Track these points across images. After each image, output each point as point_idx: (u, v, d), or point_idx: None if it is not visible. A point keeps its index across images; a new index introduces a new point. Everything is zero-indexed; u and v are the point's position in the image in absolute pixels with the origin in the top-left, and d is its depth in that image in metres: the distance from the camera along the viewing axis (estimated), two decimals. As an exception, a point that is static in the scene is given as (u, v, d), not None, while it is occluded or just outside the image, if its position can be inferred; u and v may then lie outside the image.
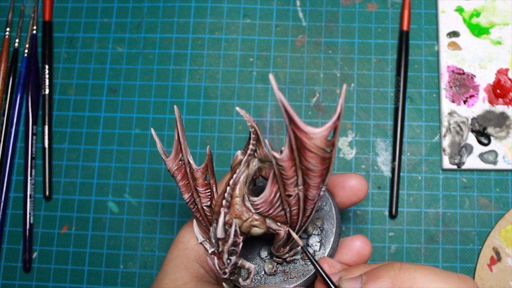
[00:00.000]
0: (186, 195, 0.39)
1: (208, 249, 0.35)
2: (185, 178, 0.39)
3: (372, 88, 0.54)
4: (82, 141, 0.54)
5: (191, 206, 0.39)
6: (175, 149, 0.38)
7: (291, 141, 0.32)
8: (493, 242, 0.50)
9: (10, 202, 0.53)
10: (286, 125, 0.31)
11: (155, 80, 0.55)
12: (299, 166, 0.33)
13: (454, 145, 0.52)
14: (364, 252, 0.40)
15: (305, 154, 0.32)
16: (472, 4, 0.55)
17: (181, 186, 0.39)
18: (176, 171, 0.38)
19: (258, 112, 0.54)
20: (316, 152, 0.32)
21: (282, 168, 0.33)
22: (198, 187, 0.38)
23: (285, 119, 0.31)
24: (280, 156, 0.33)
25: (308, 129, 0.31)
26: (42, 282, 0.51)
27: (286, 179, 0.34)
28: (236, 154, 0.38)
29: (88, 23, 0.57)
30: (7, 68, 0.55)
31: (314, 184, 0.34)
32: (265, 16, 0.56)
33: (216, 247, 0.35)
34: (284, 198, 0.35)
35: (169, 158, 0.38)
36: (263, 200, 0.35)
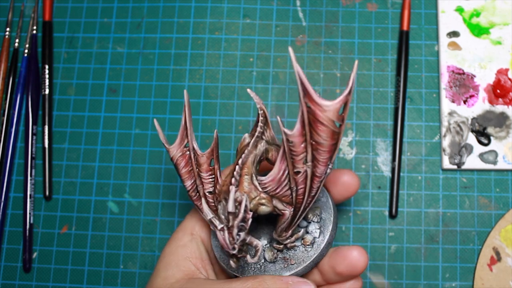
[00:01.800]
0: (189, 182, 0.39)
1: (217, 225, 0.36)
2: (188, 164, 0.39)
3: (372, 88, 0.54)
4: (82, 141, 0.54)
5: (192, 193, 0.39)
6: (180, 135, 0.38)
7: (303, 116, 0.33)
8: (493, 242, 0.50)
9: (10, 202, 0.53)
10: (300, 99, 0.33)
11: (155, 80, 0.55)
12: (309, 141, 0.34)
13: (454, 145, 0.52)
14: (358, 264, 0.40)
15: (316, 128, 0.33)
16: (472, 4, 0.55)
17: (183, 173, 0.39)
18: (180, 157, 0.39)
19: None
20: (328, 125, 0.33)
21: (292, 144, 0.34)
22: (202, 172, 0.39)
23: (299, 92, 0.32)
24: (291, 132, 0.34)
25: (322, 101, 0.33)
26: (42, 282, 0.51)
27: (296, 155, 0.35)
28: (244, 136, 0.40)
29: (88, 23, 0.57)
30: (7, 68, 0.55)
31: (323, 160, 0.35)
32: (265, 16, 0.56)
33: (226, 222, 0.36)
34: (292, 176, 0.36)
35: (174, 144, 0.39)
36: (271, 179, 0.36)
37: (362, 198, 0.52)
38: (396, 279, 0.50)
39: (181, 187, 0.53)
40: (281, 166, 0.36)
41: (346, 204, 0.52)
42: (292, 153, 0.35)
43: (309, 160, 0.35)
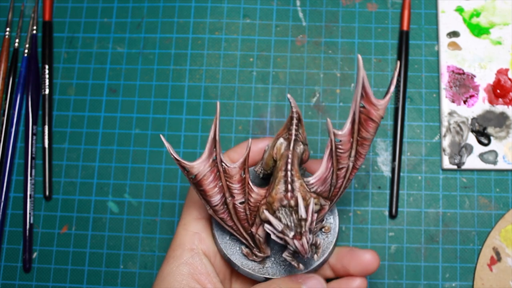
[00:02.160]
0: (217, 197, 0.38)
1: (289, 234, 0.36)
2: (217, 178, 0.37)
3: (372, 88, 0.54)
4: (82, 141, 0.54)
5: (220, 208, 0.38)
6: (209, 149, 0.36)
7: (355, 115, 0.36)
8: (493, 242, 0.50)
9: (10, 202, 0.53)
10: (355, 100, 0.36)
11: (155, 80, 0.55)
12: (355, 138, 0.37)
13: (454, 145, 0.52)
14: (371, 267, 0.41)
15: (367, 125, 0.37)
16: (472, 4, 0.55)
17: (209, 189, 0.37)
18: (208, 172, 0.37)
19: (258, 112, 0.54)
20: (378, 121, 0.37)
21: (341, 142, 0.37)
22: (234, 183, 0.37)
23: (357, 95, 0.35)
24: (341, 131, 0.37)
25: (377, 101, 0.36)
26: (42, 282, 0.51)
27: (343, 153, 0.37)
28: (280, 142, 0.39)
29: (88, 23, 0.57)
30: (7, 68, 0.55)
31: (364, 153, 0.38)
32: (265, 16, 0.56)
33: (298, 229, 0.36)
34: (335, 173, 0.38)
35: (200, 160, 0.36)
36: (318, 178, 0.38)
37: (362, 198, 0.52)
38: (396, 279, 0.50)
39: (181, 187, 0.53)
40: (328, 164, 0.38)
41: (346, 204, 0.52)
42: (339, 151, 0.37)
43: (352, 155, 0.38)
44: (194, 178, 0.37)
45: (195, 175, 0.36)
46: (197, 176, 0.37)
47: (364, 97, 0.36)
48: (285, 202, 0.37)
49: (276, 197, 0.37)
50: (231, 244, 0.41)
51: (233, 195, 0.38)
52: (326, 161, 0.37)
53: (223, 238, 0.41)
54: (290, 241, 0.36)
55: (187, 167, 0.36)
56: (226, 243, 0.41)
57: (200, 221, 0.41)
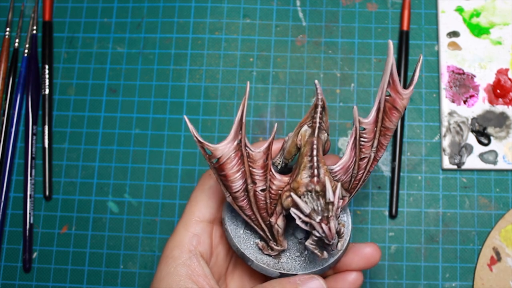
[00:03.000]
0: (239, 182, 0.37)
1: (316, 218, 0.35)
2: (241, 163, 0.36)
3: (372, 88, 0.54)
4: (82, 141, 0.54)
5: (241, 194, 0.37)
6: (235, 130, 0.35)
7: (380, 103, 0.36)
8: (493, 242, 0.50)
9: (10, 202, 0.53)
10: (382, 88, 0.36)
11: (155, 80, 0.55)
12: (379, 127, 0.37)
13: (454, 145, 0.52)
14: (372, 260, 0.41)
15: (391, 114, 0.37)
16: (472, 4, 0.55)
17: (232, 173, 0.36)
18: (233, 155, 0.36)
19: (258, 112, 0.54)
20: (402, 111, 0.37)
21: (365, 131, 0.37)
22: (257, 169, 0.37)
23: (384, 82, 0.35)
24: (367, 119, 0.36)
25: (402, 90, 0.36)
26: (42, 282, 0.51)
27: (366, 142, 0.37)
28: (305, 128, 0.39)
29: (88, 23, 0.57)
30: (7, 68, 0.55)
31: (386, 144, 0.38)
32: (265, 16, 0.56)
33: (325, 213, 0.35)
34: (357, 163, 0.38)
35: (225, 141, 0.35)
36: (342, 167, 0.37)
37: (362, 198, 0.52)
38: (396, 279, 0.50)
39: (181, 187, 0.53)
40: (351, 153, 0.37)
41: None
42: (363, 139, 0.37)
43: (375, 146, 0.38)
44: (217, 162, 0.36)
45: (218, 158, 0.35)
46: (220, 159, 0.35)
47: (391, 85, 0.36)
48: (311, 187, 0.36)
49: (301, 182, 0.37)
50: (245, 238, 0.40)
51: (254, 181, 0.37)
52: (350, 149, 0.37)
53: (237, 232, 0.40)
54: (317, 225, 0.35)
55: (210, 149, 0.35)
56: (240, 237, 0.40)
57: (201, 223, 0.41)
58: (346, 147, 0.37)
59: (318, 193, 0.36)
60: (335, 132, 0.53)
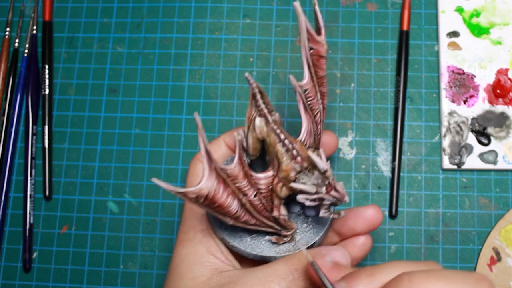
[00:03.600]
0: (234, 202, 0.36)
1: (323, 191, 0.36)
2: (227, 187, 0.36)
3: (372, 88, 0.54)
4: (82, 141, 0.54)
5: (240, 212, 0.37)
6: (207, 163, 0.34)
7: (308, 60, 0.38)
8: (493, 242, 0.50)
9: (10, 202, 0.53)
10: (304, 47, 0.37)
11: (155, 80, 0.55)
12: (315, 81, 0.39)
13: (454, 145, 0.52)
14: (375, 222, 0.41)
15: (320, 64, 0.39)
16: (472, 4, 0.55)
17: (225, 201, 0.36)
18: (217, 185, 0.35)
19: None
20: (326, 55, 0.39)
21: (307, 91, 0.38)
22: (241, 182, 0.36)
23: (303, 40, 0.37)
24: (305, 81, 0.38)
25: (319, 38, 0.38)
26: (42, 282, 0.51)
27: (312, 99, 0.39)
28: (258, 121, 0.38)
29: (88, 23, 0.57)
30: (7, 68, 0.55)
31: (325, 90, 0.40)
32: (265, 16, 0.56)
33: (326, 181, 0.36)
34: (313, 121, 0.39)
35: (204, 178, 0.34)
36: (306, 132, 0.39)
37: (362, 198, 0.52)
38: (396, 279, 0.50)
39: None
40: (307, 116, 0.38)
41: (346, 204, 0.51)
42: (309, 99, 0.38)
43: (319, 98, 0.39)
44: (205, 199, 0.35)
45: (206, 195, 0.35)
46: (208, 196, 0.35)
47: (310, 39, 0.38)
48: (299, 168, 0.37)
49: (288, 168, 0.37)
50: (255, 242, 0.40)
51: (245, 193, 0.37)
52: (304, 114, 0.38)
53: (245, 243, 0.40)
54: (327, 196, 0.36)
55: (195, 193, 0.34)
56: (250, 245, 0.40)
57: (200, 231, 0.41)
58: (300, 114, 0.38)
59: (307, 168, 0.37)
60: (335, 132, 0.53)
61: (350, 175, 0.52)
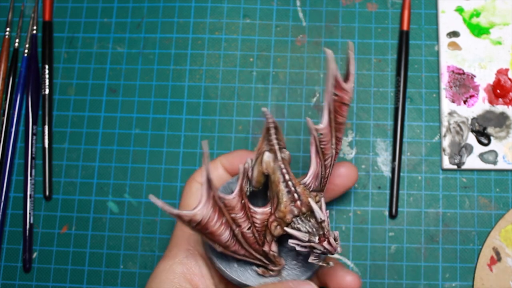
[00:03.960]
0: (226, 232, 0.36)
1: (315, 239, 0.36)
2: (221, 215, 0.36)
3: (372, 88, 0.54)
4: (82, 141, 0.54)
5: (231, 242, 0.37)
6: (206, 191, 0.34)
7: (329, 105, 0.37)
8: (493, 242, 0.50)
9: (10, 202, 0.53)
10: (328, 91, 0.37)
11: (155, 80, 0.55)
12: (333, 126, 0.38)
13: (454, 145, 0.52)
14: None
15: (341, 111, 0.39)
16: (472, 4, 0.55)
17: (217, 229, 0.36)
18: (212, 213, 0.35)
19: (258, 112, 0.54)
20: (349, 103, 0.39)
21: (323, 135, 0.38)
22: (237, 213, 0.36)
23: (329, 86, 0.37)
24: (322, 125, 0.38)
25: (346, 86, 0.38)
26: (42, 282, 0.51)
27: (326, 144, 0.38)
28: (266, 156, 0.38)
29: (88, 23, 0.57)
30: (7, 68, 0.55)
31: (341, 136, 0.40)
32: (265, 16, 0.56)
33: (320, 231, 0.36)
34: (323, 165, 0.39)
35: (201, 204, 0.34)
36: (312, 176, 0.38)
37: (362, 198, 0.52)
38: (396, 279, 0.50)
39: (181, 187, 0.53)
40: (317, 160, 0.38)
41: (346, 204, 0.52)
42: (322, 143, 0.38)
43: (333, 143, 0.39)
44: (198, 224, 0.35)
45: (199, 221, 0.35)
46: (201, 222, 0.35)
47: (336, 85, 0.37)
48: (297, 212, 0.37)
49: (286, 210, 0.37)
50: (241, 270, 0.40)
51: (239, 224, 0.37)
52: (314, 157, 0.38)
53: (231, 268, 0.40)
54: (318, 246, 0.36)
55: (189, 216, 0.34)
56: (236, 271, 0.40)
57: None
58: (310, 156, 0.38)
59: (305, 214, 0.37)
60: (335, 132, 0.53)
61: (350, 175, 0.52)
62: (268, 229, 0.38)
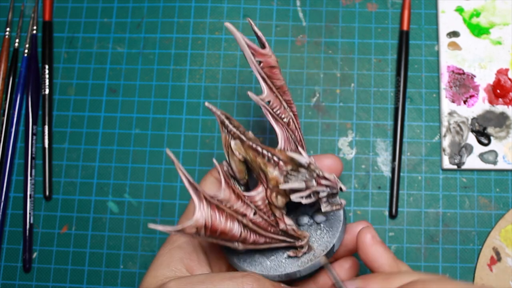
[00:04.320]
0: (235, 224, 0.36)
1: (314, 184, 0.36)
2: (223, 212, 0.36)
3: (372, 88, 0.54)
4: (82, 141, 0.54)
5: (245, 233, 0.37)
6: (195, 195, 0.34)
7: (261, 73, 0.39)
8: (493, 242, 0.50)
9: (10, 202, 0.53)
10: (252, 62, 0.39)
11: (155, 80, 0.55)
12: (275, 91, 0.40)
13: (454, 145, 0.52)
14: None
15: (273, 74, 0.40)
16: (472, 4, 0.55)
17: (225, 224, 0.35)
18: (212, 212, 0.35)
19: (258, 112, 0.54)
20: (277, 64, 0.40)
21: (271, 103, 0.40)
22: (235, 204, 0.36)
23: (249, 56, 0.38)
24: (264, 94, 0.39)
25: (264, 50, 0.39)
26: (42, 282, 0.51)
27: (279, 109, 0.40)
28: (233, 143, 0.39)
29: (88, 23, 0.57)
30: (7, 68, 0.55)
31: (290, 98, 0.41)
32: (265, 16, 0.56)
33: (313, 174, 0.37)
34: (288, 129, 0.40)
35: (197, 210, 0.34)
36: (283, 140, 0.39)
37: (362, 198, 0.52)
38: (396, 279, 0.50)
39: (181, 187, 0.53)
40: (278, 125, 0.39)
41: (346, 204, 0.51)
42: (275, 110, 0.39)
43: (286, 106, 0.40)
44: (206, 230, 0.35)
45: (205, 226, 0.34)
46: (206, 224, 0.34)
47: (255, 53, 0.39)
48: (284, 171, 0.37)
49: (274, 175, 0.37)
50: (275, 264, 0.40)
51: (243, 214, 0.37)
52: (275, 124, 0.39)
53: (266, 267, 0.40)
54: (319, 188, 0.36)
55: (192, 226, 0.34)
56: (271, 268, 0.39)
57: None
58: (271, 124, 0.39)
59: (293, 169, 0.37)
60: (335, 132, 0.53)
61: (350, 175, 0.52)
62: (272, 205, 0.38)
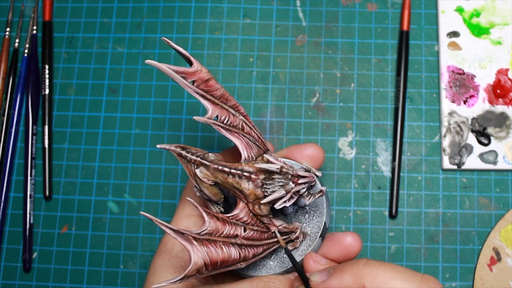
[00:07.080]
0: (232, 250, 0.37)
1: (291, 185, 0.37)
2: (215, 243, 0.36)
3: (372, 88, 0.54)
4: (82, 141, 0.54)
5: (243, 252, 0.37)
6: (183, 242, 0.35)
7: (198, 92, 0.38)
8: (493, 242, 0.50)
9: (10, 202, 0.53)
10: (186, 86, 0.38)
11: (155, 80, 0.55)
12: (219, 103, 0.40)
13: (454, 145, 0.52)
14: (353, 249, 0.40)
15: (210, 86, 0.39)
16: (472, 4, 0.55)
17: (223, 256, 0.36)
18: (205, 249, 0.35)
19: (258, 112, 0.54)
20: (210, 75, 0.39)
21: (218, 116, 0.39)
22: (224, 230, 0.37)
23: (180, 81, 0.38)
24: (209, 112, 0.39)
25: (192, 68, 0.38)
26: (42, 282, 0.51)
27: (228, 119, 0.40)
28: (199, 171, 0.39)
29: (88, 23, 0.57)
30: (7, 68, 0.55)
31: (235, 101, 0.40)
32: (265, 16, 0.56)
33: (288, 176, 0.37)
34: (244, 134, 0.40)
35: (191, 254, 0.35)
36: (244, 147, 0.39)
37: (362, 198, 0.52)
38: (396, 279, 0.50)
39: (181, 187, 0.53)
40: (233, 135, 0.39)
41: (346, 204, 0.52)
42: (225, 122, 0.39)
43: (234, 111, 0.40)
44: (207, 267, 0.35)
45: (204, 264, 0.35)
46: (206, 262, 0.35)
47: (186, 76, 0.38)
48: (259, 182, 0.38)
49: (250, 189, 0.38)
50: (278, 260, 0.40)
51: (234, 235, 0.37)
52: (230, 135, 0.39)
53: (270, 267, 0.40)
54: (298, 187, 0.37)
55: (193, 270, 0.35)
56: (276, 265, 0.40)
57: (192, 218, 0.42)
58: (226, 137, 0.39)
59: (267, 177, 0.38)
60: (335, 132, 0.53)
61: (350, 175, 0.52)
62: (258, 216, 0.39)
